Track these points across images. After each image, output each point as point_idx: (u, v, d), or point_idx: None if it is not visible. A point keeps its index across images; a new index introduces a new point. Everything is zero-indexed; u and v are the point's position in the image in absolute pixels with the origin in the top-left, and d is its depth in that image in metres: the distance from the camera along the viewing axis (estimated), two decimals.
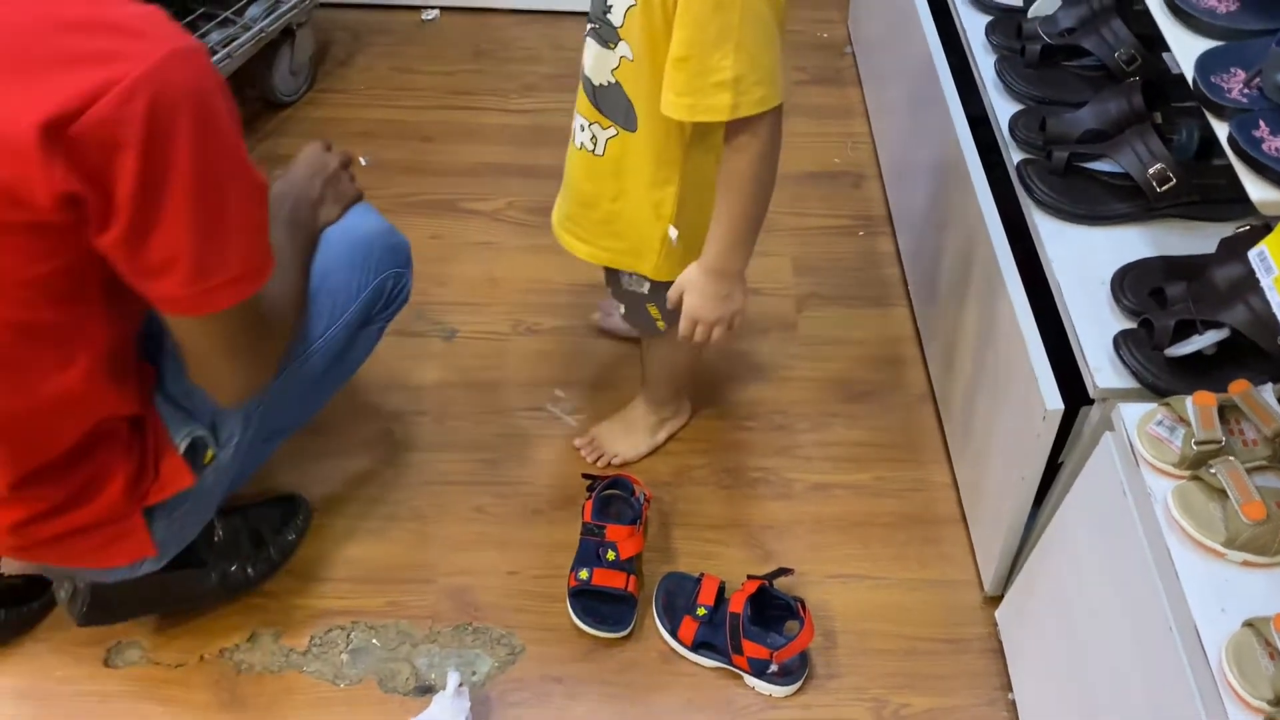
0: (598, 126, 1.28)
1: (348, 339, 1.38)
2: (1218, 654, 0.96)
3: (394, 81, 2.36)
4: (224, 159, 0.95)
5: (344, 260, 1.34)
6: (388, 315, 1.45)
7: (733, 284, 1.27)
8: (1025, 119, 1.46)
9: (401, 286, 1.44)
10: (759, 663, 1.42)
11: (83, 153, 0.86)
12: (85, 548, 1.18)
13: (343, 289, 1.35)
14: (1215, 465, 1.04)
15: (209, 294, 0.99)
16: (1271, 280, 0.94)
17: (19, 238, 0.92)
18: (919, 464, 1.73)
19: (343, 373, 1.45)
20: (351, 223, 1.33)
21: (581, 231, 1.41)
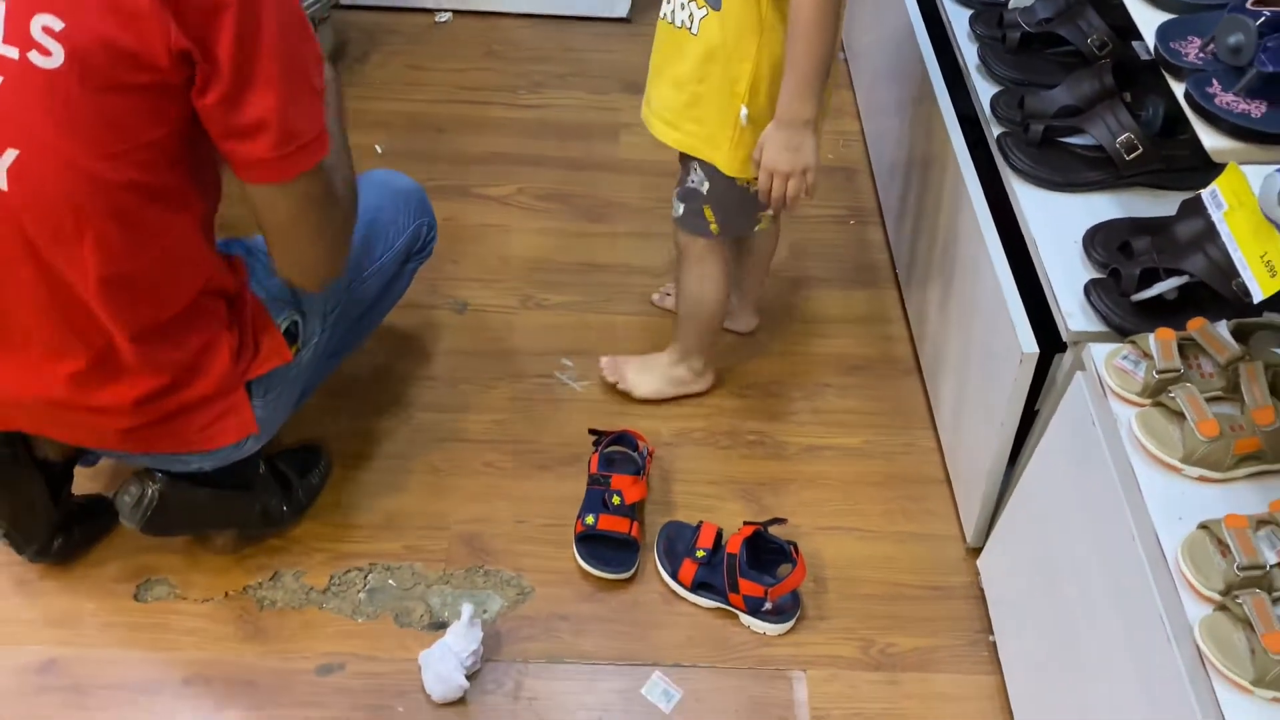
0: (694, 5, 1.38)
1: (395, 268, 1.56)
2: (1174, 554, 1.06)
3: (408, 78, 2.48)
4: (299, 25, 1.08)
5: (390, 201, 1.54)
6: (420, 258, 1.64)
7: (803, 135, 1.35)
8: (1005, 98, 1.57)
9: (431, 237, 1.64)
10: (754, 600, 1.50)
11: (190, 13, 0.99)
12: (197, 425, 1.28)
13: (392, 224, 1.54)
14: (1174, 390, 1.15)
15: (293, 156, 1.10)
16: (1222, 215, 1.05)
17: (145, 99, 1.03)
18: (906, 429, 1.82)
19: (387, 303, 1.62)
20: (392, 177, 1.59)
21: (669, 114, 1.50)
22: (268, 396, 1.34)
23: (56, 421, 1.30)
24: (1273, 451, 1.12)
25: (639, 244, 2.11)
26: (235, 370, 1.28)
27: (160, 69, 1.00)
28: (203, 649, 1.49)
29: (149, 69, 1.00)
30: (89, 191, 1.07)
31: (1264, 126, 1.10)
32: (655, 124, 1.56)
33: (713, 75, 1.41)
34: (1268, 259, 0.98)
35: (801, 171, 1.38)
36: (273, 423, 1.39)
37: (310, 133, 1.10)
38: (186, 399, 1.26)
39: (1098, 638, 1.20)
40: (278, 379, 1.34)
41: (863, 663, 1.52)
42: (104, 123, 1.04)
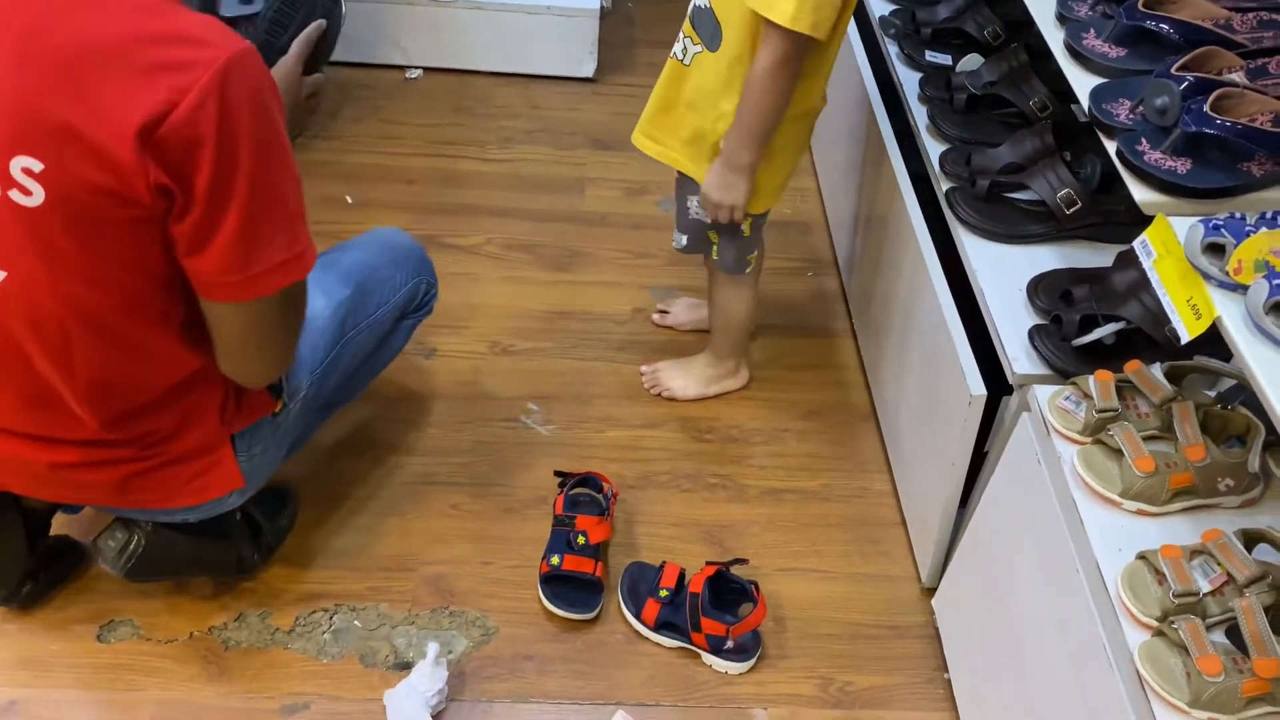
0: (689, 40, 1.53)
1: (391, 325, 1.60)
2: (1115, 583, 1.11)
3: (379, 131, 2.54)
4: (278, 151, 1.09)
5: (389, 258, 1.58)
6: (419, 316, 1.68)
7: (739, 177, 1.52)
8: (953, 155, 1.66)
9: (431, 295, 1.67)
10: (716, 639, 1.53)
11: (169, 150, 1.00)
12: (182, 479, 1.30)
13: (388, 281, 1.57)
14: (1113, 429, 1.21)
15: (257, 279, 1.11)
16: (1151, 263, 1.12)
17: (126, 231, 1.05)
18: (863, 473, 1.88)
19: (383, 358, 1.65)
20: (395, 236, 1.63)
21: (655, 132, 1.65)
22: (253, 450, 1.35)
23: (43, 488, 1.33)
24: (1205, 486, 1.18)
25: (604, 292, 2.17)
26: (220, 427, 1.30)
27: (142, 205, 1.02)
28: (167, 689, 1.48)
29: (131, 205, 1.02)
30: (73, 312, 1.11)
31: (1188, 182, 1.17)
32: (643, 142, 1.69)
33: (700, 103, 1.55)
34: (1193, 303, 1.05)
35: (730, 207, 1.56)
36: (259, 475, 1.41)
37: (277, 257, 1.10)
38: (171, 455, 1.28)
39: (1045, 668, 1.24)
40: (263, 433, 1.36)
41: (822, 700, 1.55)
42: (87, 253, 1.06)
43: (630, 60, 2.81)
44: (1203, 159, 1.20)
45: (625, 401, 1.96)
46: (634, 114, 2.67)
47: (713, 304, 1.88)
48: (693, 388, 1.96)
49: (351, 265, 1.53)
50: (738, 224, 1.62)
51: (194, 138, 1.00)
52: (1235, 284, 1.03)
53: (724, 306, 1.86)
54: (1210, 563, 1.09)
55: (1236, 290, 1.03)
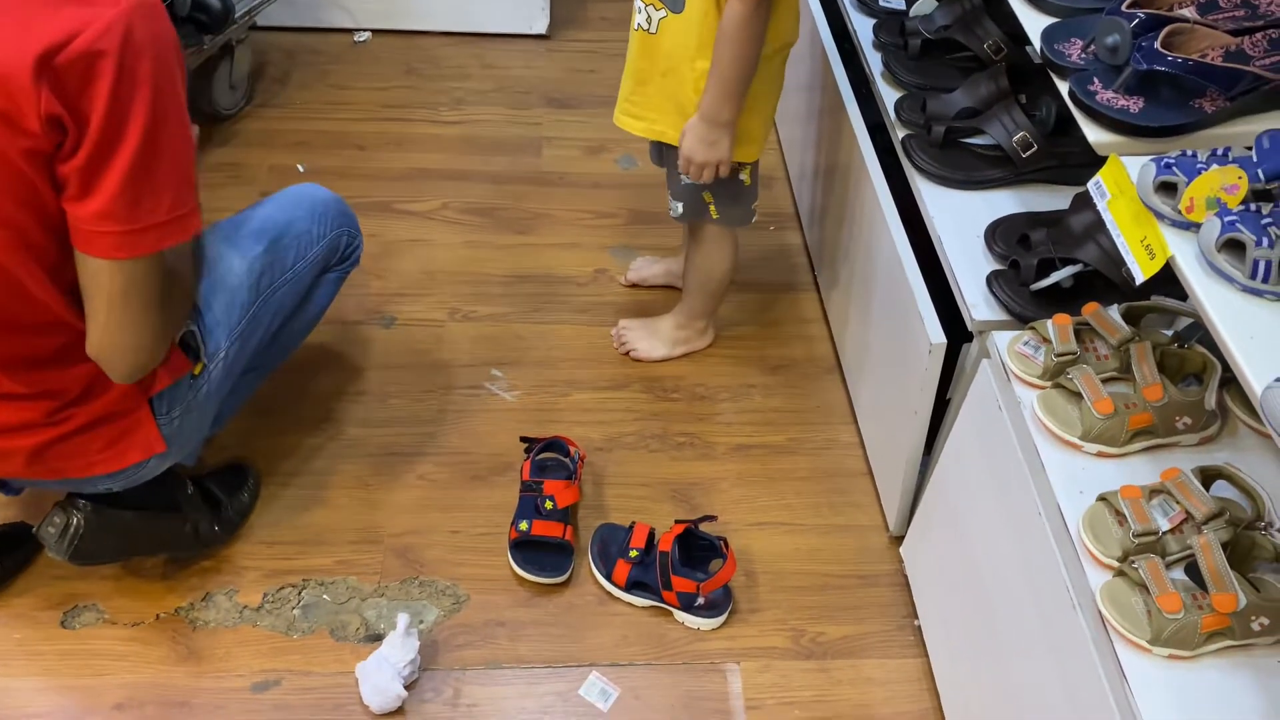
0: (652, 8, 1.50)
1: (311, 280, 1.55)
2: (1076, 526, 1.12)
3: (328, 97, 2.48)
4: (175, 106, 1.07)
5: (304, 211, 1.54)
6: (344, 268, 1.64)
7: (720, 133, 1.49)
8: (909, 102, 1.64)
9: (354, 247, 1.63)
10: (687, 596, 1.54)
11: (65, 80, 0.98)
12: (99, 445, 1.26)
13: (305, 234, 1.53)
14: (1072, 372, 1.21)
15: (136, 235, 1.07)
16: (1105, 204, 1.12)
17: (26, 165, 1.02)
18: (829, 426, 1.88)
19: (310, 314, 1.61)
20: (309, 188, 1.58)
21: (635, 109, 1.62)
22: (173, 413, 1.32)
23: None
24: (1163, 426, 1.19)
25: (565, 254, 2.14)
26: (135, 389, 1.27)
27: (33, 134, 0.99)
28: (135, 672, 1.47)
29: (23, 134, 0.99)
30: None
31: (1141, 121, 1.17)
32: (623, 119, 1.65)
33: (675, 69, 1.52)
34: (1147, 243, 1.05)
35: (715, 164, 1.52)
36: (184, 440, 1.38)
37: (160, 215, 1.07)
38: (84, 420, 1.25)
39: (1012, 612, 1.26)
40: (184, 395, 1.33)
41: (794, 652, 1.56)
42: None
43: (583, 15, 2.76)
44: (1155, 97, 1.19)
45: (590, 364, 1.94)
46: (590, 70, 2.63)
47: (692, 264, 1.84)
48: (659, 349, 1.94)
49: (265, 221, 1.50)
50: (730, 177, 1.59)
51: (92, 70, 0.99)
52: (1188, 222, 1.03)
53: (705, 265, 1.82)
54: (1169, 501, 1.10)
55: (1189, 229, 1.03)
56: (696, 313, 1.91)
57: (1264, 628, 1.02)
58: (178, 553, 1.56)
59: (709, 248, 1.79)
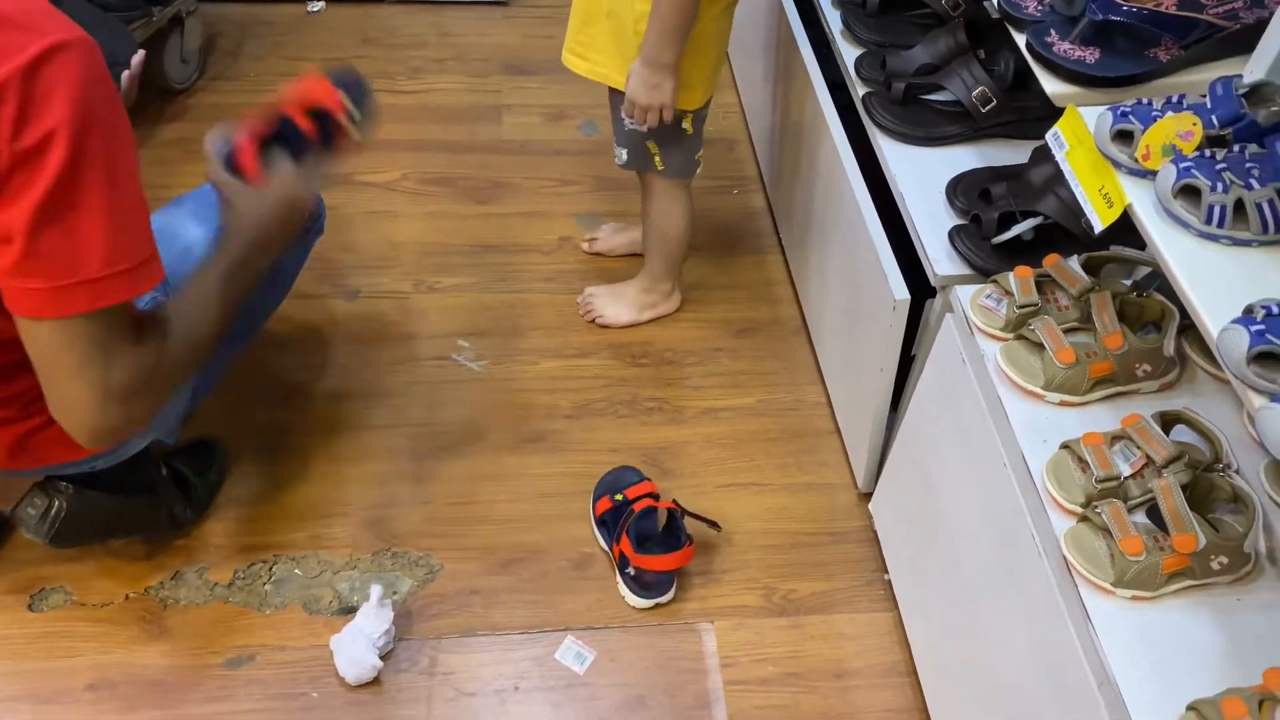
0: None
1: None
2: (1040, 474, 1.13)
3: (283, 69, 2.44)
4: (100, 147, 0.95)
5: None
6: (310, 237, 1.61)
7: (663, 76, 1.49)
8: (868, 60, 1.63)
9: (319, 215, 1.61)
10: (622, 559, 1.54)
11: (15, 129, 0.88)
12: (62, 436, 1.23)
13: None
14: (1034, 323, 1.22)
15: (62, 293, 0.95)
16: (1064, 154, 1.12)
17: None
18: (796, 386, 1.89)
19: (279, 282, 1.58)
20: None
21: (581, 49, 1.61)
22: None
23: None
24: (1123, 373, 1.21)
25: (528, 223, 2.13)
26: None
27: None
28: (106, 653, 1.46)
29: None
30: None
31: (1097, 71, 1.17)
32: (569, 59, 1.64)
33: (616, 12, 1.51)
34: (1105, 192, 1.06)
35: (659, 107, 1.53)
36: (163, 415, 1.36)
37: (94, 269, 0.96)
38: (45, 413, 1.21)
39: (978, 561, 1.27)
40: None
41: (766, 610, 1.57)
42: None
43: None
44: (1111, 47, 1.20)
45: (557, 332, 1.94)
46: (548, 36, 2.60)
47: (648, 223, 1.85)
48: (626, 314, 1.94)
49: None
50: (673, 124, 1.58)
51: None
52: (1144, 170, 1.04)
53: (660, 222, 1.83)
54: (1130, 447, 1.12)
55: (1146, 176, 1.04)
56: (659, 275, 1.91)
57: (1223, 566, 1.04)
58: (150, 535, 1.55)
59: (661, 205, 1.79)
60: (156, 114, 2.28)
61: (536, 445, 1.76)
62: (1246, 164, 0.98)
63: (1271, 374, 0.85)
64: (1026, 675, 1.16)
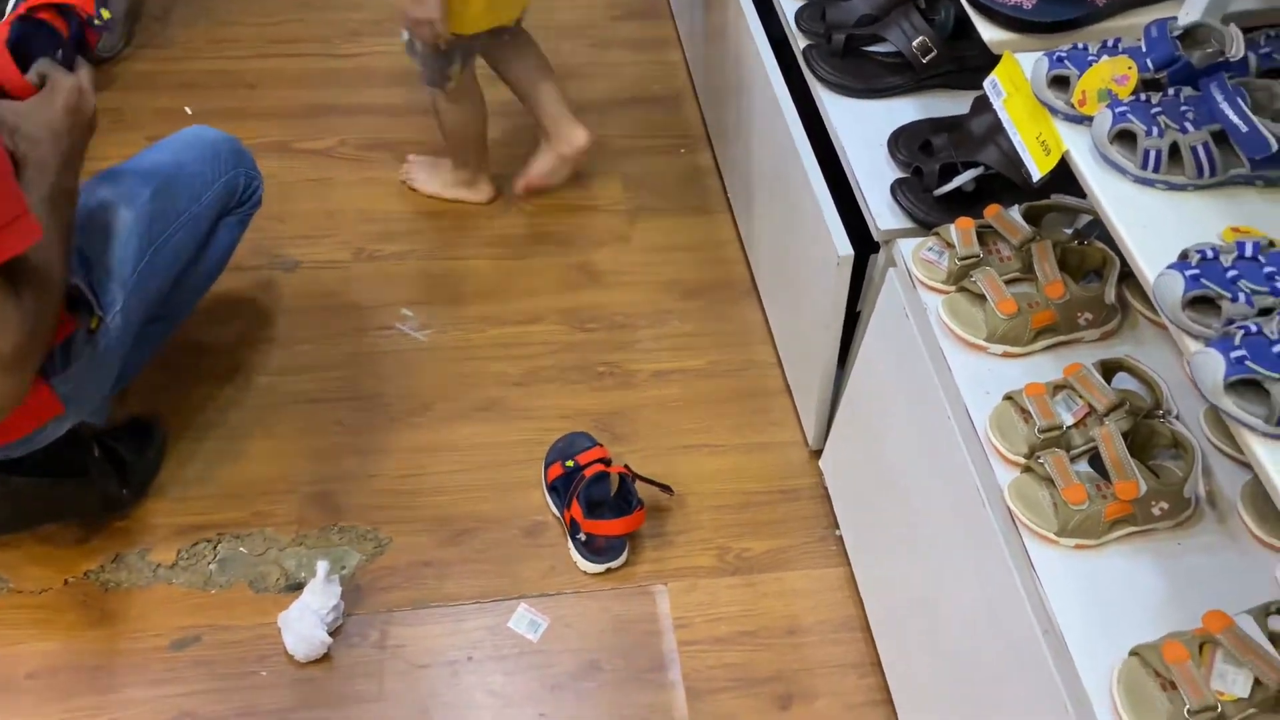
0: None
1: (209, 223, 1.49)
2: (983, 425, 1.13)
3: (214, 34, 2.36)
4: None
5: (196, 154, 1.47)
6: (244, 211, 1.58)
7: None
8: (809, 11, 1.61)
9: (253, 189, 1.58)
10: (573, 525, 1.53)
11: None
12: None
13: (199, 175, 1.47)
14: (975, 275, 1.21)
15: None
16: (1002, 102, 1.11)
17: None
18: (747, 346, 1.88)
19: (212, 260, 1.55)
20: (199, 130, 1.52)
21: None
22: (69, 371, 1.25)
23: None
24: (1065, 322, 1.20)
25: None
26: None
27: None
28: (46, 639, 1.43)
29: None
30: None
31: (1035, 16, 1.16)
32: None
33: None
34: (1042, 139, 1.05)
35: (427, 22, 1.56)
36: (84, 399, 1.31)
37: None
38: None
39: (926, 514, 1.27)
40: (79, 352, 1.26)
41: (720, 570, 1.57)
42: None
43: None
44: None
45: (503, 298, 1.91)
46: None
47: (439, 120, 1.91)
48: (432, 184, 2.03)
49: (153, 166, 1.43)
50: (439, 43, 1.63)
51: None
52: (1081, 116, 1.02)
53: (445, 122, 1.90)
54: (1073, 396, 1.12)
55: (1083, 123, 1.03)
56: (461, 162, 1.99)
57: (1164, 512, 1.05)
58: (85, 518, 1.51)
59: (445, 106, 1.85)
60: None
61: (486, 414, 1.73)
62: (1181, 107, 0.97)
63: (1206, 319, 0.85)
64: (975, 626, 1.16)
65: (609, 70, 2.37)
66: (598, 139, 1.99)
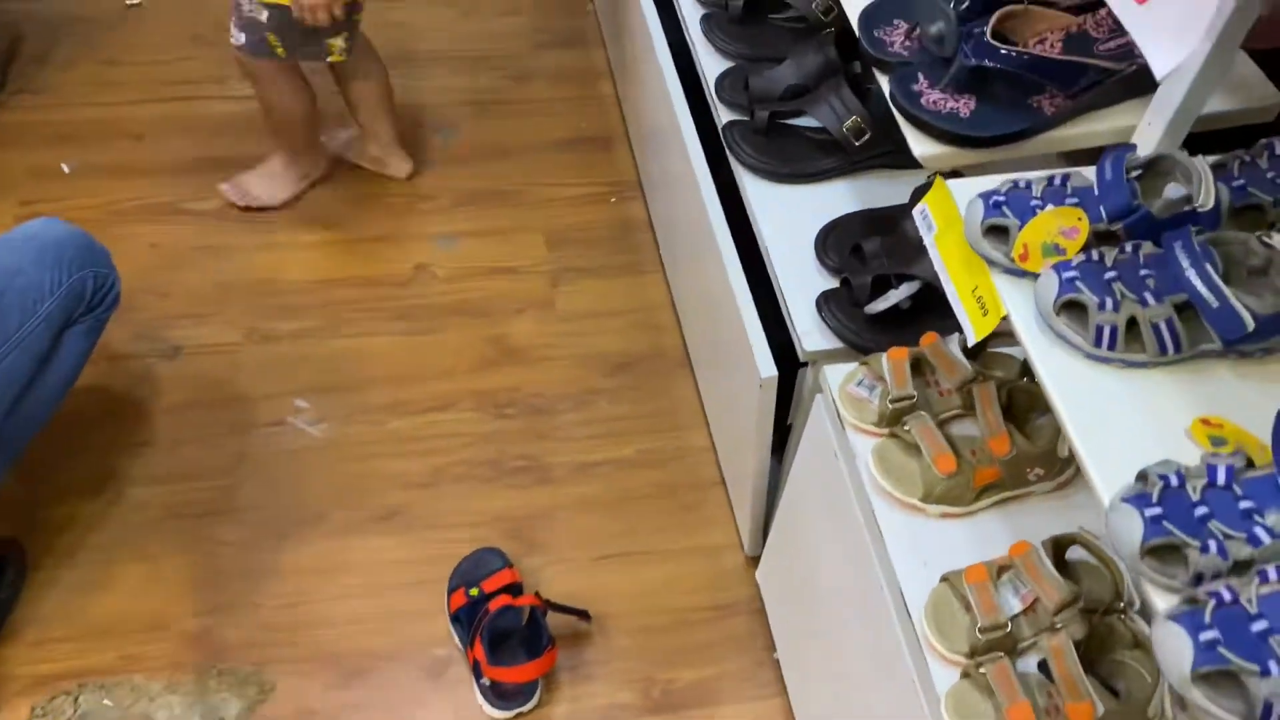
0: None
1: (49, 338, 1.33)
2: (919, 613, 0.97)
3: (99, 76, 2.15)
4: None
5: (32, 259, 1.31)
6: (97, 316, 1.40)
7: None
8: (731, 78, 1.43)
9: (107, 288, 1.40)
10: (476, 668, 1.37)
11: None
12: None
13: (34, 286, 1.30)
14: (909, 421, 1.05)
15: None
16: (933, 238, 0.94)
17: None
18: (679, 430, 1.71)
19: (56, 380, 1.37)
20: (36, 228, 1.35)
21: None
22: None
23: None
24: (1013, 479, 1.05)
25: (379, 249, 1.91)
26: None
27: None
28: None
29: None
30: None
31: (972, 130, 0.99)
32: None
33: None
34: (978, 294, 0.88)
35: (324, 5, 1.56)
36: None
37: None
38: None
39: (862, 676, 1.12)
40: None
41: (644, 707, 1.42)
42: None
43: None
44: (989, 95, 1.02)
45: (411, 381, 1.73)
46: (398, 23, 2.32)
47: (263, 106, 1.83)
48: (282, 190, 1.92)
49: None
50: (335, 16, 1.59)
51: None
52: (1024, 270, 0.86)
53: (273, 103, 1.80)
54: (1020, 577, 0.96)
55: (1026, 276, 0.86)
56: (295, 151, 1.90)
57: None
58: None
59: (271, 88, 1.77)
60: None
61: (384, 524, 1.57)
62: (1141, 271, 0.81)
63: (1170, 568, 0.69)
64: None
65: (532, 107, 2.18)
66: None
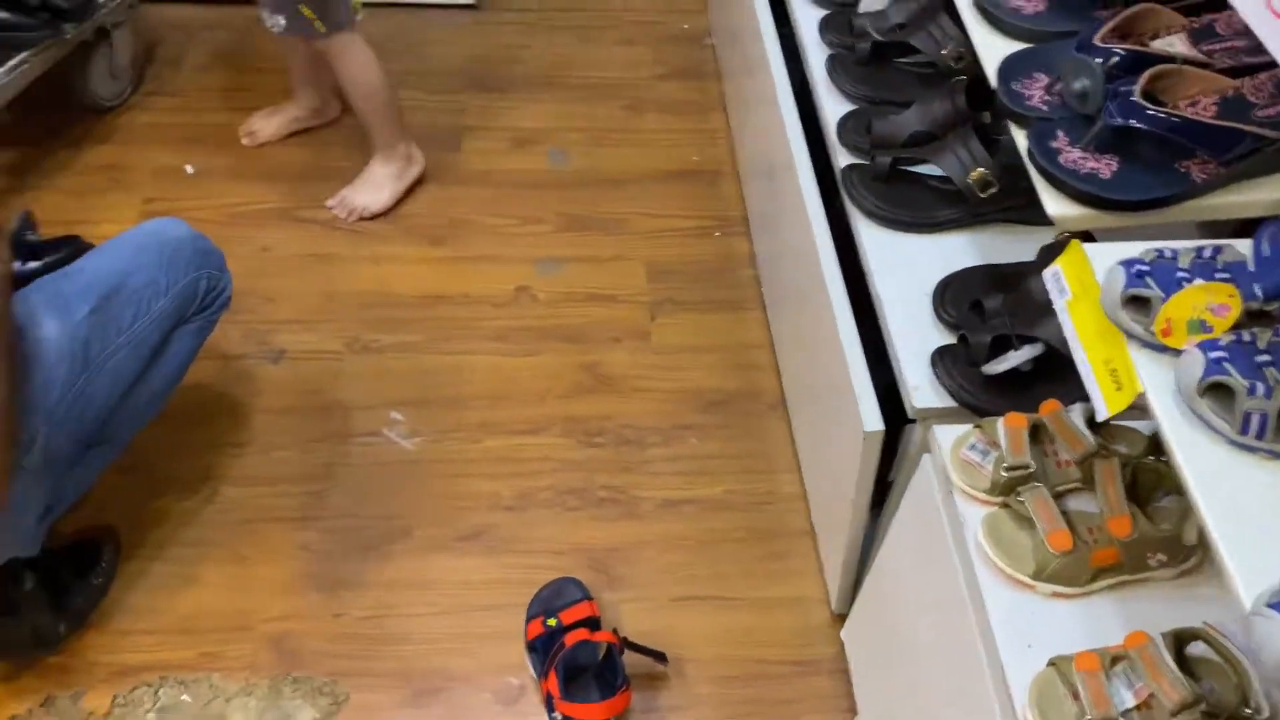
0: None
1: (160, 335, 1.34)
2: (1022, 700, 0.92)
3: (229, 82, 2.23)
4: None
5: (149, 260, 1.32)
6: (207, 317, 1.42)
7: None
8: (854, 121, 1.40)
9: (219, 290, 1.42)
10: (549, 701, 1.34)
11: None
12: None
13: (148, 285, 1.32)
14: (1023, 493, 1.00)
15: None
16: (1065, 304, 0.89)
17: None
18: (770, 474, 1.67)
19: (164, 377, 1.39)
20: (157, 227, 1.37)
21: None
22: None
23: None
24: (1132, 563, 0.98)
25: (484, 268, 1.92)
26: None
27: None
28: None
29: None
30: None
31: (1113, 192, 0.94)
32: None
33: None
34: (1112, 367, 0.83)
35: None
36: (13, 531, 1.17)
37: None
38: None
39: None
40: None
41: None
42: None
43: None
44: (1133, 156, 0.96)
45: (505, 402, 1.73)
46: (522, 46, 2.35)
47: (344, 89, 1.83)
48: (384, 195, 1.93)
49: (96, 275, 1.27)
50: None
51: None
52: (1165, 346, 0.81)
53: (355, 83, 1.81)
54: (1134, 669, 0.90)
55: (1167, 352, 0.81)
56: (388, 138, 1.90)
57: None
58: (12, 658, 1.37)
59: (343, 65, 1.78)
60: (80, 135, 2.08)
61: (470, 544, 1.56)
62: None
63: None
64: None
65: (643, 136, 2.18)
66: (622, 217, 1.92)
